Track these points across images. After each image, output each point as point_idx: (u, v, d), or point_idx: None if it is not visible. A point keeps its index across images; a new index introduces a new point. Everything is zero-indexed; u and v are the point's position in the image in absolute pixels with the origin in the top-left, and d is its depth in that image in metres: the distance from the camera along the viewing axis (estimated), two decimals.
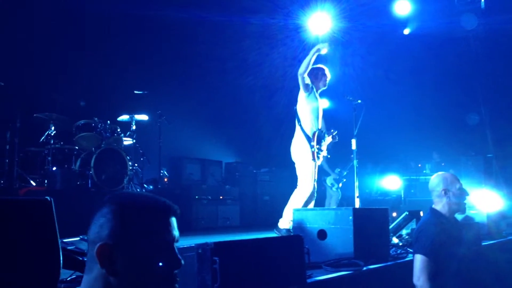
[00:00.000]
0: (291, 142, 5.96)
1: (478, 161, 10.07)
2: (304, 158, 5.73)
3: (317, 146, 5.68)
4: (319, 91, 6.06)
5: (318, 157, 5.74)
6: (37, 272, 2.22)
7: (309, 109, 5.83)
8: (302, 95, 5.86)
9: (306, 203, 5.75)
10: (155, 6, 8.82)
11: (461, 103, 11.70)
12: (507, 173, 10.03)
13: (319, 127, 5.90)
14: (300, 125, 5.80)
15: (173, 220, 1.37)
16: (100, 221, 1.33)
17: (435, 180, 3.62)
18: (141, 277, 1.27)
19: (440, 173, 3.70)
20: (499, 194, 6.62)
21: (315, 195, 5.90)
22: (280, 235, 5.54)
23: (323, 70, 6.10)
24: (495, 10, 10.46)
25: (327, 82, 6.11)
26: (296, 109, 5.95)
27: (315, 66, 6.06)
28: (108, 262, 1.27)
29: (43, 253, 2.26)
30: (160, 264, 1.29)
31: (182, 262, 1.35)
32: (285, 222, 5.64)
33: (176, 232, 1.36)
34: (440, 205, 3.55)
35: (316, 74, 6.04)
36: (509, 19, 10.03)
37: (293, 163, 5.94)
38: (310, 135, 5.74)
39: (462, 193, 3.54)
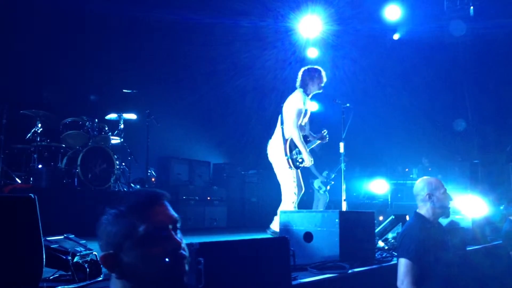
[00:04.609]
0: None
1: (464, 167, 10.17)
2: (282, 163, 5.49)
3: (291, 155, 5.43)
4: (311, 95, 5.75)
5: (296, 166, 5.48)
6: (19, 270, 2.20)
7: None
8: (296, 105, 5.53)
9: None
10: (146, 7, 8.79)
11: (449, 109, 11.82)
12: (493, 178, 10.14)
13: (304, 132, 5.66)
14: (282, 128, 5.54)
15: (161, 206, 1.41)
16: (98, 233, 1.42)
17: (420, 184, 3.64)
18: (147, 271, 1.34)
19: (424, 177, 3.73)
20: (484, 200, 6.67)
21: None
22: (271, 235, 5.50)
23: (320, 72, 5.73)
24: (484, 17, 10.57)
25: (322, 85, 5.76)
26: (282, 109, 5.65)
27: (312, 66, 5.80)
28: (115, 269, 1.37)
29: (25, 251, 2.23)
30: (158, 251, 1.35)
31: (181, 241, 1.40)
32: (277, 224, 5.57)
33: (169, 215, 1.41)
34: (424, 210, 3.58)
35: (312, 76, 5.69)
36: (497, 26, 10.15)
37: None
38: (287, 140, 5.48)
39: (446, 198, 3.57)
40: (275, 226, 5.59)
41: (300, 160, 5.54)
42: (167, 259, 1.35)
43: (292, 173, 5.53)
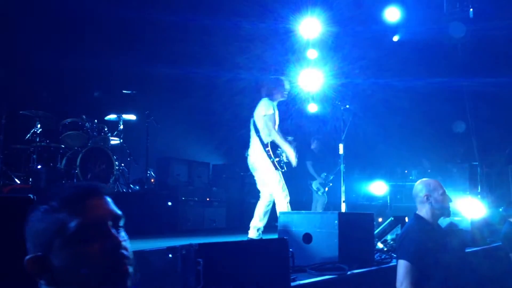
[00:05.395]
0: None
1: (464, 169, 10.15)
2: (268, 168, 5.65)
3: (275, 156, 5.59)
4: (276, 102, 5.91)
5: (281, 166, 5.63)
6: (19, 271, 2.19)
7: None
8: (266, 112, 5.72)
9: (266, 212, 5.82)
10: (146, 7, 8.79)
11: (448, 110, 11.81)
12: (492, 180, 10.14)
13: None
14: (259, 136, 5.70)
15: (99, 199, 1.22)
16: (24, 233, 1.25)
17: (419, 186, 3.65)
18: (81, 275, 1.15)
19: (423, 179, 3.74)
20: (483, 202, 6.68)
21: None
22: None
23: (282, 81, 5.97)
24: (484, 18, 10.58)
25: (286, 94, 5.98)
26: (254, 119, 5.84)
27: (275, 76, 6.08)
28: (44, 274, 1.19)
29: (25, 252, 2.23)
30: (93, 250, 1.16)
31: (121, 239, 1.21)
32: (253, 232, 5.66)
33: (109, 210, 1.22)
34: (423, 211, 3.58)
35: (276, 85, 5.91)
36: (497, 28, 10.16)
37: None
38: (268, 144, 5.64)
39: (445, 199, 3.57)
40: (251, 234, 5.66)
41: (285, 160, 5.69)
42: (101, 257, 1.15)
43: (278, 175, 5.65)
